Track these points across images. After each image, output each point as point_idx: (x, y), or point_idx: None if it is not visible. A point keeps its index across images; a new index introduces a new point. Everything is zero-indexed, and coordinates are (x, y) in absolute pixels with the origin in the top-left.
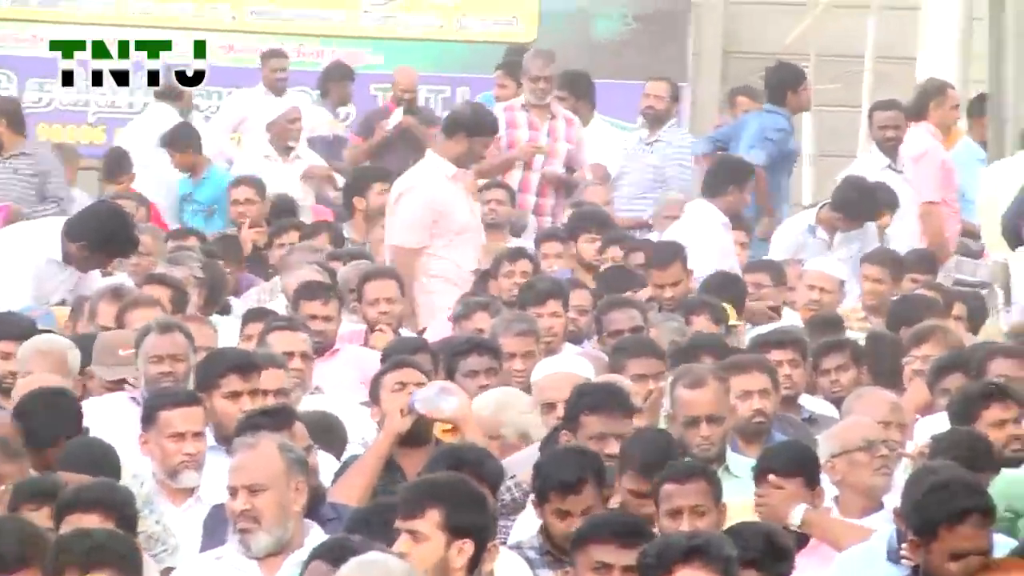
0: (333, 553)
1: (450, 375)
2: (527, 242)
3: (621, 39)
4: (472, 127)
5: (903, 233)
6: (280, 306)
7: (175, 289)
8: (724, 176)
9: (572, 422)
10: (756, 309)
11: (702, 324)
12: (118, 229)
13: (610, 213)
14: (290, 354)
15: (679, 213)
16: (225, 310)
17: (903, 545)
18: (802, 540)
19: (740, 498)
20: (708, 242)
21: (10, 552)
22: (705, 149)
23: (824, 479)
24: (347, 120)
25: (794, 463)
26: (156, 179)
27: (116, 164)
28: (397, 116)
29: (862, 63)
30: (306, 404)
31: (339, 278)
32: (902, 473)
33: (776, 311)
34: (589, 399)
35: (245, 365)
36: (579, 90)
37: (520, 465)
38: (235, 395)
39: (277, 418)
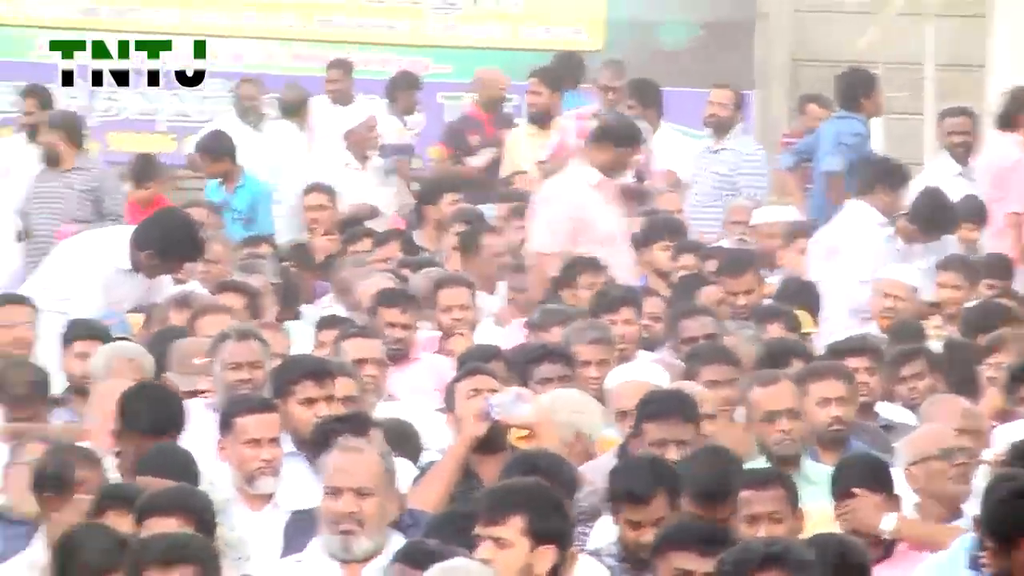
0: (413, 557)
1: (523, 382)
2: None
3: (687, 47)
4: (619, 137)
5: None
6: (343, 313)
7: (249, 296)
8: (877, 176)
9: (637, 430)
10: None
11: (776, 332)
12: (184, 235)
13: (683, 221)
14: (364, 361)
15: (747, 219)
16: (296, 317)
17: (983, 553)
18: (885, 551)
19: (817, 505)
20: (863, 242)
21: (94, 559)
22: (789, 163)
23: (901, 485)
24: (416, 129)
25: (873, 477)
26: None
27: (143, 170)
28: (485, 155)
29: (929, 70)
30: (381, 411)
31: (411, 286)
32: (982, 480)
33: None
34: (651, 407)
35: (320, 371)
36: (648, 99)
37: (599, 471)
38: (310, 401)
39: (354, 424)
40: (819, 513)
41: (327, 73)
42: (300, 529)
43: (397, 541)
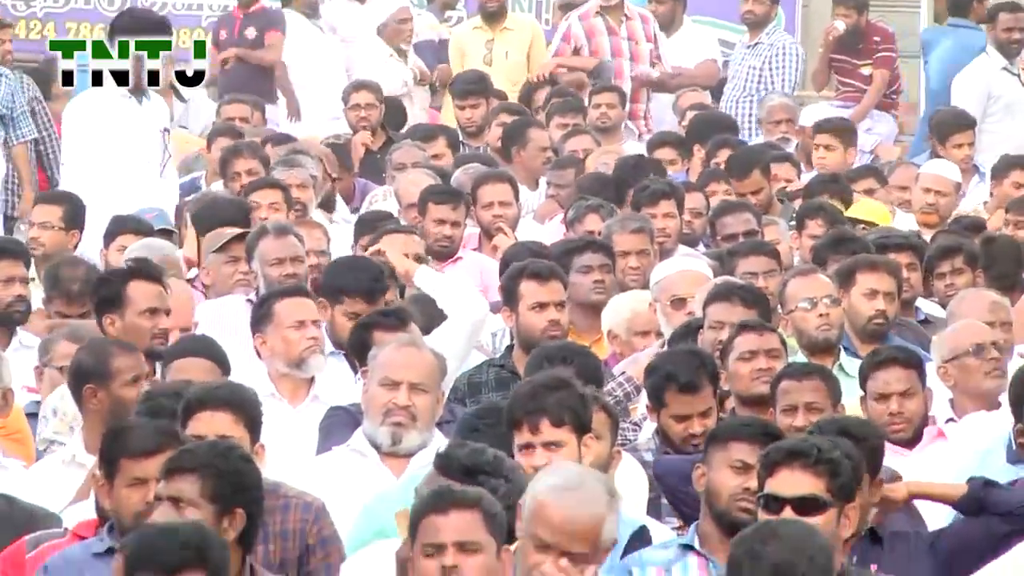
0: (447, 466)
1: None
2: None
3: None
4: None
5: (1016, 135)
6: (392, 208)
7: (283, 191)
8: None
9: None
10: None
11: (816, 229)
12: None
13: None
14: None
15: (785, 117)
16: (329, 206)
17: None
18: (914, 438)
19: (855, 398)
20: None
21: (143, 446)
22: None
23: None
24: (459, 23)
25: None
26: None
27: None
28: None
29: None
30: None
31: (452, 182)
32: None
33: None
34: (713, 289)
35: (374, 292)
36: None
37: (639, 366)
38: (356, 316)
39: (393, 320)
40: (856, 407)
41: None
42: (336, 424)
43: (439, 438)
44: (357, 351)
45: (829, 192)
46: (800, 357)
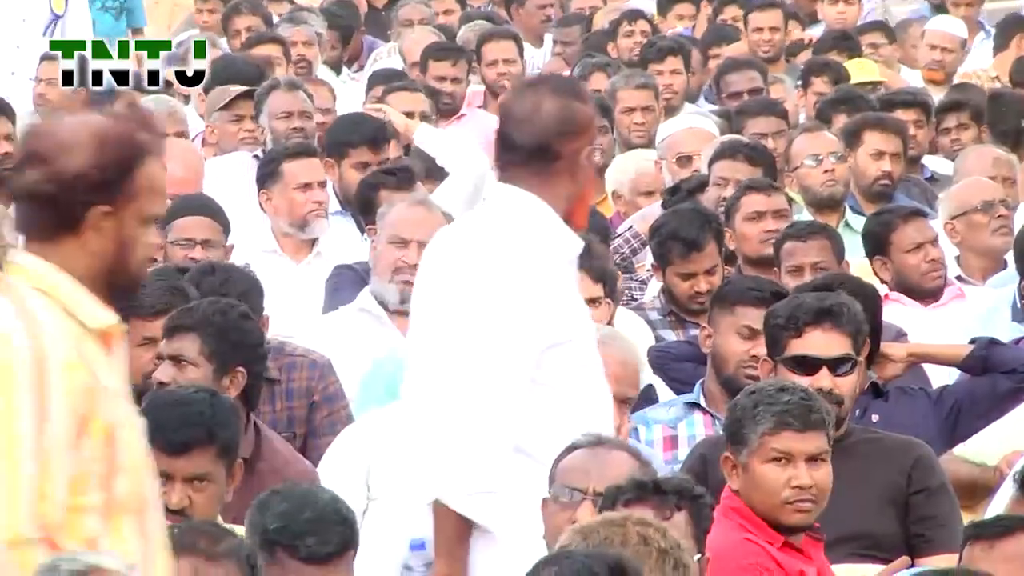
0: None
1: None
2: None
3: None
4: None
5: None
6: (396, 65)
7: (285, 46)
8: None
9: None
10: None
11: (821, 87)
12: None
13: None
14: (410, 115)
15: None
16: (337, 67)
17: None
18: (935, 294)
19: (861, 256)
20: None
21: (151, 302)
22: None
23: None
24: None
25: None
26: None
27: None
28: None
29: None
30: None
31: (458, 40)
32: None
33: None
34: (719, 147)
35: (378, 139)
36: None
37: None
38: (364, 165)
39: (399, 178)
40: (862, 264)
41: None
42: (342, 282)
43: None
44: (363, 209)
45: (839, 49)
46: (806, 215)
